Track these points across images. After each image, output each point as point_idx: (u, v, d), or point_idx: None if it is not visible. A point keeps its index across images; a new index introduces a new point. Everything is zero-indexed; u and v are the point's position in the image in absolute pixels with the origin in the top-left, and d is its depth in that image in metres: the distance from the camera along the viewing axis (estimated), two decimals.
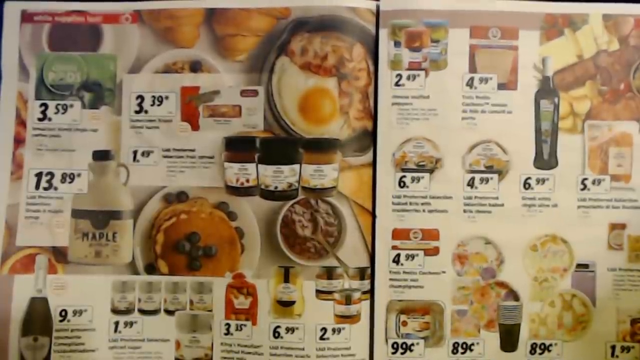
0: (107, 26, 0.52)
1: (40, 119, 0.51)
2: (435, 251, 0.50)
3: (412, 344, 0.50)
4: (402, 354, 0.50)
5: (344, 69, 0.51)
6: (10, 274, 0.50)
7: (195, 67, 0.52)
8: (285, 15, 0.51)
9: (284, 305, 0.50)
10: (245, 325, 0.50)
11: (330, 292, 0.50)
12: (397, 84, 0.50)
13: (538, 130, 0.50)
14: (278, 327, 0.50)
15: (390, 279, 0.50)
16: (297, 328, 0.50)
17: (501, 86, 0.51)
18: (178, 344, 0.50)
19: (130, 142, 0.51)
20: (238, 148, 0.52)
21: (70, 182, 0.51)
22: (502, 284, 0.50)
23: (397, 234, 0.50)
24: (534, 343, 0.50)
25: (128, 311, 0.51)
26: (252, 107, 0.52)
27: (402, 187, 0.50)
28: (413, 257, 0.50)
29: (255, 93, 0.52)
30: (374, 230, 0.50)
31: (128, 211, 0.51)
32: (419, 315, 0.50)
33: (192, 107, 0.51)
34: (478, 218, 0.50)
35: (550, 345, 0.50)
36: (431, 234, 0.50)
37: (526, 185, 0.50)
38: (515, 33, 0.51)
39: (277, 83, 0.52)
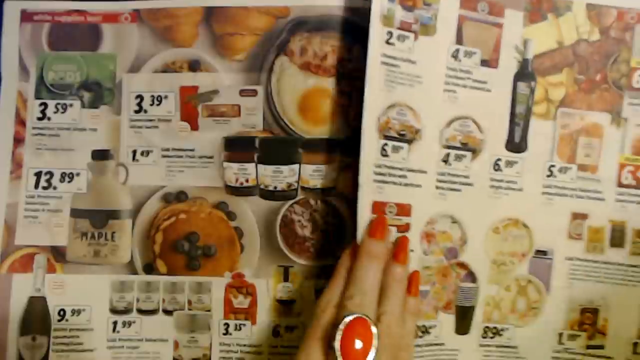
0: (106, 25, 0.52)
1: (39, 119, 0.51)
2: (406, 228, 0.48)
3: None
4: None
5: (344, 69, 0.51)
6: (9, 272, 0.50)
7: (194, 66, 0.52)
8: (285, 15, 0.51)
9: (284, 304, 0.50)
10: (244, 324, 0.50)
11: None
12: (387, 42, 0.48)
13: (512, 113, 0.50)
14: (278, 326, 0.50)
15: None
16: (296, 327, 0.50)
17: (484, 63, 0.49)
18: (176, 344, 0.50)
19: (130, 142, 0.51)
20: (237, 148, 0.52)
21: (69, 182, 0.51)
22: (462, 265, 0.50)
23: (376, 208, 0.47)
24: (487, 326, 0.50)
25: (126, 311, 0.50)
26: (251, 106, 0.52)
27: (383, 156, 0.48)
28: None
29: (254, 93, 0.52)
30: None
31: (127, 211, 0.51)
32: None
33: (191, 107, 0.52)
34: (448, 196, 0.49)
35: (502, 329, 0.50)
36: (404, 209, 0.48)
37: (496, 166, 0.49)
38: (502, 10, 0.50)
39: (276, 83, 0.52)
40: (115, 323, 0.50)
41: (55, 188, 0.51)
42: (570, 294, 0.50)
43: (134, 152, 0.51)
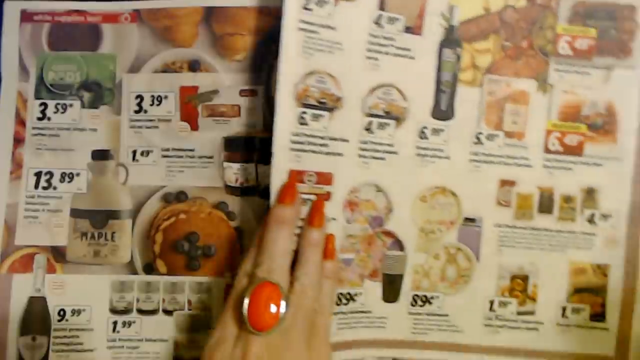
0: (106, 26, 0.52)
1: (39, 119, 0.51)
2: (327, 197, 0.47)
3: None
4: None
5: None
6: (9, 273, 0.50)
7: (194, 66, 0.52)
8: None
9: None
10: None
11: None
12: (305, 8, 0.47)
13: (438, 80, 0.49)
14: None
15: None
16: None
17: (408, 29, 0.49)
18: (176, 344, 0.50)
19: (130, 142, 0.51)
20: (237, 148, 0.52)
21: (69, 182, 0.51)
22: (388, 233, 0.49)
23: (293, 176, 0.47)
24: (416, 295, 0.50)
25: (126, 311, 0.50)
26: (251, 106, 0.52)
27: (302, 124, 0.47)
28: (306, 202, 0.47)
29: (254, 93, 0.52)
30: None
31: (127, 211, 0.51)
32: None
33: (191, 107, 0.51)
34: (372, 164, 0.49)
35: (432, 297, 0.50)
36: (325, 178, 0.48)
37: (422, 134, 0.49)
38: None
39: (275, 83, 0.51)
40: (115, 323, 0.50)
41: (55, 188, 0.51)
42: (500, 261, 0.50)
43: (134, 152, 0.51)
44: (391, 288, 0.49)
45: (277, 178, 0.46)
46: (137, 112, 0.51)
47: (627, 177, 0.50)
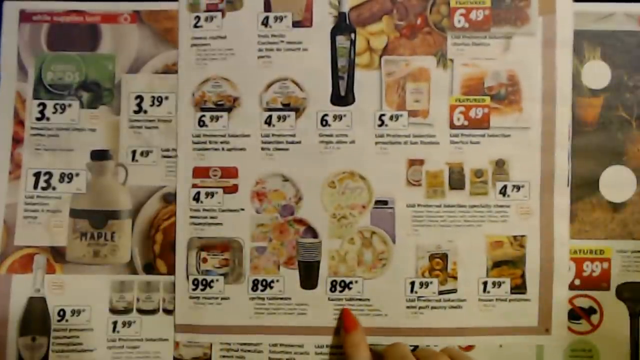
0: (105, 26, 0.52)
1: (38, 119, 0.51)
2: (234, 189, 0.50)
3: (212, 281, 0.50)
4: (202, 290, 0.50)
5: None
6: (8, 273, 0.50)
7: None
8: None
9: None
10: None
11: None
12: (195, 26, 0.51)
13: (334, 67, 0.50)
14: None
15: (191, 217, 0.50)
16: None
17: (296, 24, 0.51)
18: (177, 344, 0.50)
19: (129, 142, 0.51)
20: None
21: (68, 182, 0.51)
22: (300, 221, 0.50)
23: (198, 172, 0.50)
24: (334, 280, 0.50)
25: (126, 311, 0.50)
26: None
27: (201, 126, 0.50)
28: (213, 194, 0.50)
29: None
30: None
31: (126, 211, 0.51)
32: (219, 252, 0.50)
33: None
34: (276, 155, 0.50)
35: (351, 282, 0.50)
36: (230, 172, 0.50)
37: (323, 122, 0.50)
38: None
39: None
40: (115, 323, 0.50)
41: (54, 188, 0.51)
42: (416, 241, 0.50)
43: (134, 152, 0.51)
44: (308, 275, 0.50)
45: (182, 176, 0.50)
46: (136, 112, 0.51)
47: (536, 146, 0.50)
